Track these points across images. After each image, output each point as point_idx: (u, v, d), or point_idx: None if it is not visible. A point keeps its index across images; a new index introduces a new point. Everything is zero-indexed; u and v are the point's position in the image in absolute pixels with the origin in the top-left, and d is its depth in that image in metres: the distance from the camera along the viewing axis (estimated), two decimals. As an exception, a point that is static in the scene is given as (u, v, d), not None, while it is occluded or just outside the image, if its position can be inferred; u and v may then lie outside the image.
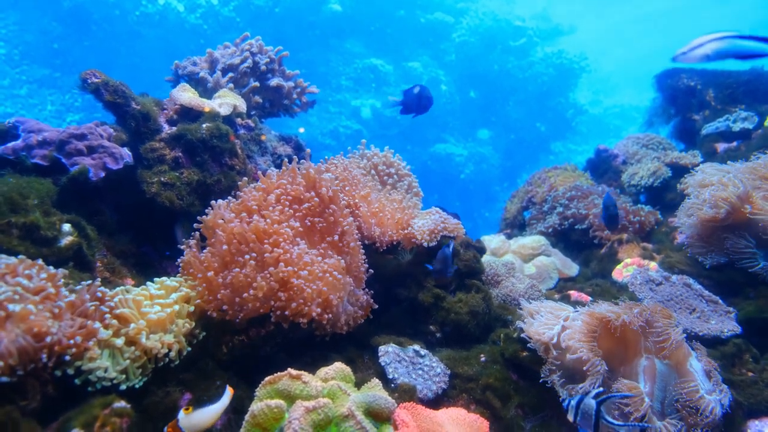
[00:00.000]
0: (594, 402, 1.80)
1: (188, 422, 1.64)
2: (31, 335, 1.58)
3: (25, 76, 13.36)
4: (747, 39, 1.69)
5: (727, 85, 4.62)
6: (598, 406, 1.79)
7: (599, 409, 1.78)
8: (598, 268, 3.60)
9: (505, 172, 16.63)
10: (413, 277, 2.80)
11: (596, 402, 1.80)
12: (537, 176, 4.85)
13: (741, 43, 1.70)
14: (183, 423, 1.62)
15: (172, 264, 2.73)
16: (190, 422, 1.64)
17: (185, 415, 1.64)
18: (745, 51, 1.70)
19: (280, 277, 2.08)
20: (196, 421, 1.65)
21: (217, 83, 3.39)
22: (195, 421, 1.65)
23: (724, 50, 1.72)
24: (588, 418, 1.79)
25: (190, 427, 1.64)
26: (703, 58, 1.79)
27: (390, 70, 15.88)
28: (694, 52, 1.79)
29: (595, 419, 1.78)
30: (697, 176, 3.14)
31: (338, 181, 2.78)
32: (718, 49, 1.73)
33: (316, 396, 1.66)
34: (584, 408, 1.82)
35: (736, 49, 1.71)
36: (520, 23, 17.26)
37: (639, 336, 2.13)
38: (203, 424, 1.67)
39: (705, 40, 1.75)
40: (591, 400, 1.81)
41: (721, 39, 1.71)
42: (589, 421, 1.79)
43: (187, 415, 1.63)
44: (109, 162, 2.60)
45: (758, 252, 2.79)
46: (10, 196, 2.17)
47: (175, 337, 1.96)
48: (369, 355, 2.31)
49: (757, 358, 2.49)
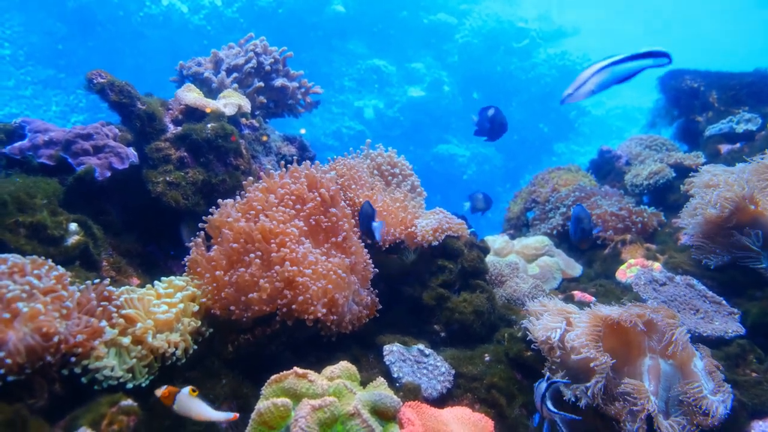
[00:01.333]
0: (544, 386, 1.94)
1: (185, 404, 1.65)
2: (40, 334, 1.59)
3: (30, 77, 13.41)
4: (623, 62, 1.71)
5: (731, 87, 4.62)
6: (545, 390, 1.93)
7: (545, 393, 1.92)
8: (601, 269, 3.61)
9: (507, 172, 16.62)
10: (417, 276, 2.81)
11: (546, 385, 1.94)
12: (540, 177, 4.85)
13: (619, 68, 1.72)
14: (180, 401, 1.65)
15: (178, 263, 2.75)
16: (186, 405, 1.66)
17: (188, 396, 1.64)
18: (624, 74, 1.72)
19: (285, 276, 2.09)
20: (191, 407, 1.66)
21: (221, 83, 3.40)
22: (190, 407, 1.66)
23: (606, 81, 1.75)
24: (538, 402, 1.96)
25: (182, 407, 1.66)
26: (589, 94, 1.81)
27: (393, 71, 15.90)
28: (579, 91, 1.81)
29: (540, 403, 1.93)
30: (702, 177, 3.14)
31: (343, 179, 2.79)
32: (601, 82, 1.75)
33: (322, 394, 1.67)
34: (536, 392, 1.98)
35: (616, 75, 1.73)
36: (523, 25, 17.24)
37: (643, 336, 2.13)
38: (193, 414, 1.67)
39: (587, 76, 1.77)
40: (543, 384, 1.96)
41: (600, 71, 1.74)
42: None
43: (189, 398, 1.64)
44: (115, 162, 2.61)
45: (763, 252, 2.80)
46: (17, 196, 2.18)
47: (182, 336, 1.97)
48: (374, 355, 2.32)
49: (761, 358, 2.49)
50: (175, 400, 1.66)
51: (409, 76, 16.00)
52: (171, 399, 1.68)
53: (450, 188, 15.11)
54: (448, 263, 2.78)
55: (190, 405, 1.67)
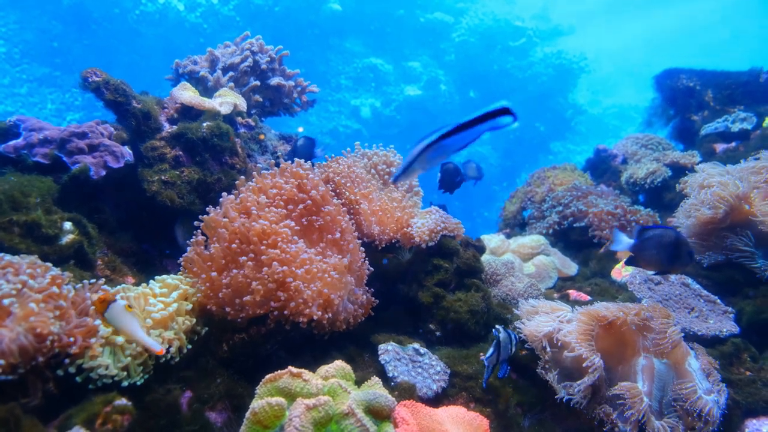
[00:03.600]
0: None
1: (116, 315, 1.67)
2: (33, 334, 1.59)
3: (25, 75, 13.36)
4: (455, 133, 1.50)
5: (726, 86, 4.64)
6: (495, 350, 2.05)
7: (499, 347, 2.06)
8: (597, 268, 3.62)
9: (504, 171, 16.65)
10: (413, 275, 2.81)
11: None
12: (536, 176, 4.86)
13: (449, 141, 1.51)
14: (113, 310, 1.66)
15: (173, 262, 2.74)
16: (117, 317, 1.67)
17: (122, 309, 1.66)
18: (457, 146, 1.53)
19: (275, 277, 2.08)
20: (121, 321, 1.67)
21: (217, 82, 3.40)
22: (120, 321, 1.67)
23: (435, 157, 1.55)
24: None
25: (113, 318, 1.67)
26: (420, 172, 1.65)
27: (390, 70, 15.90)
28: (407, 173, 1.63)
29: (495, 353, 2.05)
30: (697, 176, 3.15)
31: (339, 178, 2.79)
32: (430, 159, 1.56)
33: (317, 394, 1.67)
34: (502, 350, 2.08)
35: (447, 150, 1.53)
36: (520, 23, 17.28)
37: (637, 335, 2.14)
38: (121, 328, 1.69)
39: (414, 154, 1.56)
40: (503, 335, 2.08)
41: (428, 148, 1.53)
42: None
43: (123, 311, 1.66)
44: (110, 160, 2.60)
45: (757, 252, 2.81)
46: (11, 194, 2.17)
47: (176, 334, 1.97)
48: (369, 354, 2.32)
49: (755, 357, 2.50)
50: (108, 309, 1.65)
51: (405, 74, 16.01)
52: (103, 307, 1.66)
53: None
54: (444, 262, 2.78)
55: (121, 318, 1.66)
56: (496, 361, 2.07)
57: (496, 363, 2.08)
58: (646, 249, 2.33)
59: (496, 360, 2.07)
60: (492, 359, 2.05)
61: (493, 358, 2.05)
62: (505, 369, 2.12)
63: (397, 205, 2.86)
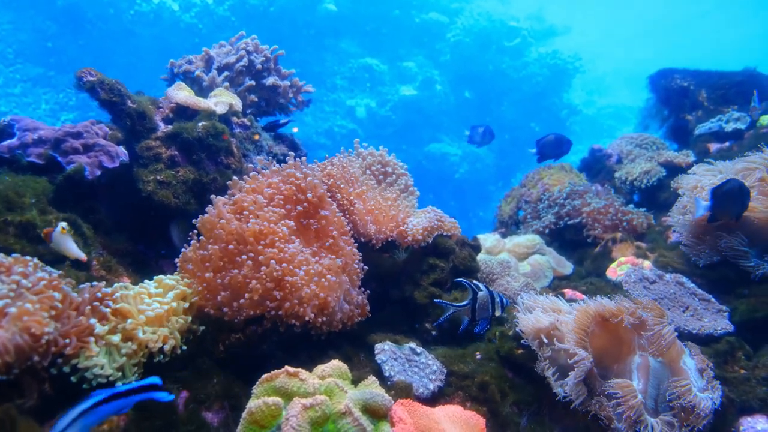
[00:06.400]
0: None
1: (57, 239, 2.06)
2: (28, 334, 1.58)
3: (19, 75, 13.30)
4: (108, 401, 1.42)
5: (720, 86, 4.66)
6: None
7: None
8: (592, 267, 3.63)
9: (499, 171, 16.66)
10: (409, 275, 2.81)
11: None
12: (531, 176, 4.87)
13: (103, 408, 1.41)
14: (55, 237, 2.05)
15: (168, 262, 2.73)
16: (58, 240, 2.06)
17: (59, 233, 2.05)
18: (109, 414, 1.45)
19: (273, 276, 2.08)
20: (61, 242, 2.07)
21: (212, 82, 3.39)
22: (60, 242, 2.07)
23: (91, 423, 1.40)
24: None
25: (56, 243, 2.07)
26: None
27: (385, 70, 15.90)
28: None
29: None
30: (690, 178, 3.17)
31: (334, 179, 2.79)
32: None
33: (314, 393, 1.67)
34: None
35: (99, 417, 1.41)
36: (515, 23, 17.30)
37: (632, 333, 2.15)
38: (62, 249, 2.07)
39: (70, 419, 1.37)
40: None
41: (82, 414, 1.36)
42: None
43: (60, 234, 2.05)
44: (105, 160, 2.59)
45: (750, 251, 2.82)
46: (6, 195, 2.17)
47: (170, 333, 1.96)
48: (365, 353, 2.32)
49: (749, 355, 2.51)
50: (51, 238, 2.05)
51: (401, 75, 16.00)
52: (49, 237, 2.06)
53: (442, 187, 15.13)
54: (440, 262, 2.78)
55: (60, 240, 2.06)
56: (472, 316, 2.12)
57: (472, 318, 2.13)
58: (722, 203, 2.77)
59: (472, 314, 2.12)
60: (466, 310, 2.11)
61: (467, 310, 2.11)
62: (484, 325, 2.13)
63: (393, 204, 2.87)
